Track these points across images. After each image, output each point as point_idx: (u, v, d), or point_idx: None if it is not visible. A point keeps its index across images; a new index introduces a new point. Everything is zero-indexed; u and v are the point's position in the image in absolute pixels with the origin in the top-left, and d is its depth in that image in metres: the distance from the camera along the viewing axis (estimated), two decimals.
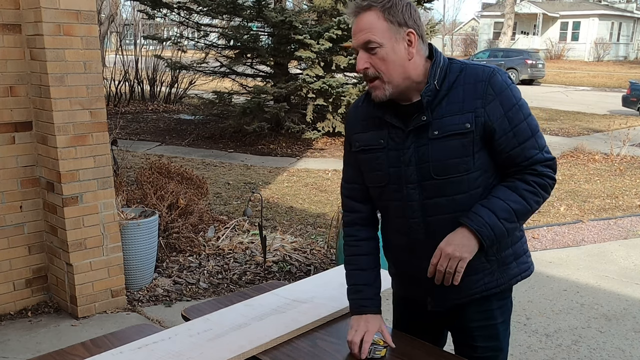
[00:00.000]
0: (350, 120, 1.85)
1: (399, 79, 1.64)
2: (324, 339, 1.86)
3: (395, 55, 1.62)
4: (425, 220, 1.72)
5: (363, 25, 1.62)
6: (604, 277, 4.53)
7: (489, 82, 1.63)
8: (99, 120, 3.54)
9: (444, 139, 1.64)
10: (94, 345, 1.89)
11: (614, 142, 9.57)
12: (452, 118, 1.64)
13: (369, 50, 1.62)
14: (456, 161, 1.65)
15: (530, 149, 1.65)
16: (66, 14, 3.32)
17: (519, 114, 1.64)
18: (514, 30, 37.73)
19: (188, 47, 12.56)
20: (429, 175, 1.68)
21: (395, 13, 1.60)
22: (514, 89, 1.66)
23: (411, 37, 1.62)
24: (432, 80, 1.64)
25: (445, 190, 1.68)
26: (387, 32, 1.60)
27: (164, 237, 4.53)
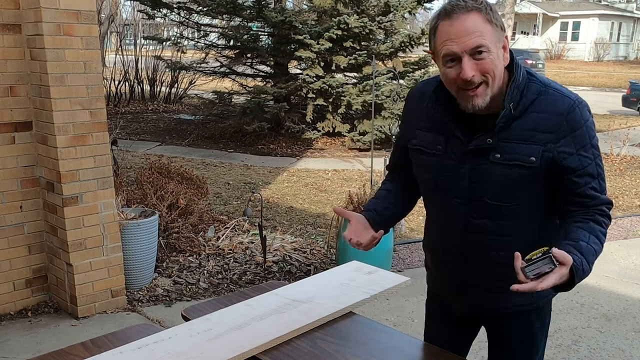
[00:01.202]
0: (414, 107, 1.77)
1: (496, 88, 1.54)
2: (324, 339, 1.86)
3: (499, 62, 1.53)
4: (464, 237, 1.70)
5: (469, 27, 1.48)
6: (604, 277, 4.53)
7: (566, 116, 1.53)
8: (99, 120, 3.54)
9: (505, 167, 1.57)
10: (94, 345, 1.89)
11: (614, 142, 9.57)
12: (518, 146, 1.55)
13: (477, 56, 1.49)
14: (512, 191, 1.59)
15: (598, 190, 1.58)
16: (66, 14, 3.32)
17: (589, 153, 1.56)
18: (514, 30, 37.70)
19: (188, 47, 12.57)
20: (480, 196, 1.63)
21: (497, 16, 1.51)
22: (590, 126, 1.56)
23: (505, 43, 1.54)
24: (508, 104, 1.54)
25: (493, 214, 1.64)
26: (493, 36, 1.50)
27: (164, 237, 4.53)
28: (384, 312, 3.84)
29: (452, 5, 1.51)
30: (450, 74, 1.52)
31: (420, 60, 10.71)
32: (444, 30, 1.50)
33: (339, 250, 4.47)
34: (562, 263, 1.40)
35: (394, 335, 1.97)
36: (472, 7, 1.48)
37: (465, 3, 1.49)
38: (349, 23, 9.21)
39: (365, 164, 8.47)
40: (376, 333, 1.95)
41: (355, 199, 4.36)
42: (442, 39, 1.51)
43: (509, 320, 1.80)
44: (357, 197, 4.37)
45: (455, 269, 1.75)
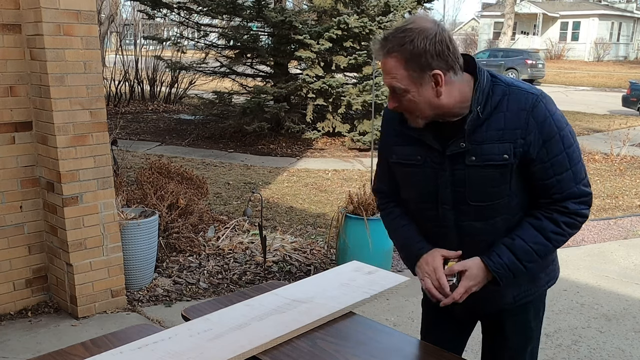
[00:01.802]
0: (387, 127, 1.84)
1: (429, 113, 1.64)
2: (324, 339, 1.86)
3: (422, 97, 1.61)
4: (460, 241, 1.75)
5: (387, 69, 1.61)
6: (604, 277, 4.53)
7: (531, 111, 1.61)
8: (99, 120, 3.54)
9: (481, 168, 1.64)
10: (94, 345, 1.89)
11: (614, 142, 9.57)
12: (491, 146, 1.63)
13: (396, 93, 1.62)
14: (492, 189, 1.66)
15: (567, 181, 1.64)
16: (66, 14, 3.32)
17: (558, 144, 1.62)
18: (514, 30, 37.72)
19: (188, 47, 12.56)
20: (464, 199, 1.69)
21: (416, 60, 1.56)
22: (557, 119, 1.63)
23: (437, 78, 1.58)
24: (475, 108, 1.62)
25: (480, 215, 1.70)
26: (410, 78, 1.58)
27: (164, 237, 4.53)
28: (384, 312, 3.84)
29: (381, 40, 1.60)
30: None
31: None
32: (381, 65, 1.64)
33: (339, 250, 4.48)
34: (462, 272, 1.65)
35: (394, 335, 1.97)
36: (391, 51, 1.57)
37: (388, 46, 1.58)
38: (349, 23, 9.21)
39: (365, 164, 8.47)
40: (376, 333, 1.95)
41: (355, 199, 4.36)
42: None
43: (507, 315, 1.86)
44: (357, 197, 4.37)
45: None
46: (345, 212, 4.37)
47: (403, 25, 1.59)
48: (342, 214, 4.38)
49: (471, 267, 1.68)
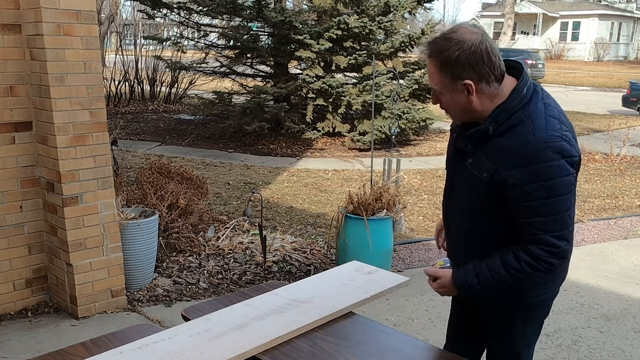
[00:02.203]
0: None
1: (463, 117, 1.81)
2: (324, 339, 1.86)
3: (455, 103, 1.76)
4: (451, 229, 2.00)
5: (429, 71, 1.77)
6: (604, 277, 4.53)
7: (523, 151, 1.66)
8: (99, 120, 3.54)
9: (471, 172, 1.80)
10: (94, 345, 1.89)
11: (614, 142, 9.57)
12: (483, 160, 1.75)
13: (435, 94, 1.79)
14: (470, 195, 1.83)
15: (537, 228, 1.70)
16: (66, 14, 3.32)
17: (539, 192, 1.66)
18: (514, 30, 37.72)
19: (188, 47, 12.56)
20: (456, 192, 1.91)
21: (450, 67, 1.68)
22: (550, 169, 1.64)
23: (469, 88, 1.70)
24: (488, 123, 1.72)
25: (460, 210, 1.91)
26: (443, 84, 1.73)
27: (164, 237, 4.52)
28: (384, 312, 3.84)
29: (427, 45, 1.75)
30: None
31: (420, 60, 10.70)
32: None
33: (339, 250, 4.47)
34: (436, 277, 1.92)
35: (394, 335, 1.98)
36: (430, 55, 1.72)
37: (429, 50, 1.73)
38: (349, 23, 9.21)
39: (365, 164, 8.47)
40: (376, 333, 1.95)
41: (355, 199, 4.36)
42: None
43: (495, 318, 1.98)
44: (357, 197, 4.37)
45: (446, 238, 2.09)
46: (345, 212, 4.37)
47: (447, 33, 1.71)
48: (342, 214, 4.38)
49: (443, 277, 1.90)
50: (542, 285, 1.92)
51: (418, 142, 10.45)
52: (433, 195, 6.77)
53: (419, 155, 9.44)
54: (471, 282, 1.81)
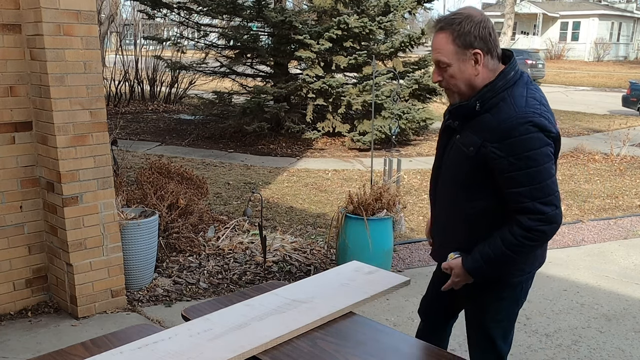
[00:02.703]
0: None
1: (466, 90, 1.92)
2: (324, 339, 1.87)
3: (462, 74, 1.89)
4: (435, 199, 2.13)
5: (436, 45, 1.89)
6: (604, 277, 4.53)
7: (504, 125, 1.81)
8: (99, 120, 3.54)
9: (459, 148, 1.94)
10: (94, 345, 1.89)
11: (614, 142, 9.57)
12: (470, 135, 1.91)
13: (440, 67, 1.91)
14: (457, 169, 1.97)
15: (523, 196, 1.83)
16: (66, 14, 3.32)
17: (522, 162, 1.80)
18: (514, 30, 37.70)
19: (188, 47, 12.56)
20: (445, 167, 2.04)
21: (464, 36, 1.84)
22: (529, 141, 1.79)
23: (477, 57, 1.86)
24: (475, 100, 1.89)
25: (449, 185, 2.04)
26: (454, 54, 1.86)
27: (164, 237, 4.53)
28: (384, 312, 3.84)
29: (435, 20, 1.91)
30: None
31: (420, 60, 10.71)
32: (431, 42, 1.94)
33: (339, 250, 4.47)
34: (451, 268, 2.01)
35: (394, 335, 1.98)
36: (442, 27, 1.87)
37: (440, 25, 1.88)
38: (349, 23, 9.20)
39: (365, 164, 8.47)
40: (376, 333, 1.95)
41: (355, 199, 4.36)
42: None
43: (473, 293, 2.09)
44: (357, 197, 4.37)
45: (432, 221, 2.20)
46: (345, 212, 4.37)
47: (455, 12, 1.90)
48: (342, 214, 4.38)
49: (455, 267, 2.00)
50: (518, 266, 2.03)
51: (418, 142, 10.45)
52: None
53: (419, 155, 9.44)
54: (479, 266, 1.94)
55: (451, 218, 2.04)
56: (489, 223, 1.94)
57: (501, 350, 2.13)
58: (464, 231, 2.00)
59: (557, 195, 1.86)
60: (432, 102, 10.88)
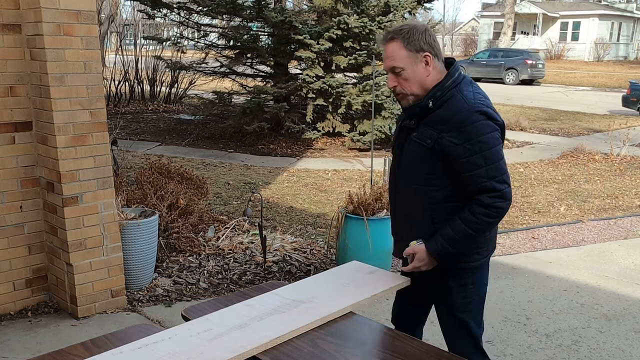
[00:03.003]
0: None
1: (419, 91, 2.12)
2: (324, 339, 1.87)
3: (415, 75, 2.10)
4: (395, 194, 2.30)
5: (389, 53, 2.10)
6: (604, 277, 4.53)
7: (457, 116, 2.04)
8: (99, 120, 3.54)
9: (416, 143, 2.14)
10: (94, 345, 1.89)
11: (614, 142, 9.57)
12: (426, 130, 2.11)
13: (395, 72, 2.11)
14: (417, 162, 2.15)
15: (480, 177, 2.04)
16: (66, 14, 3.32)
17: (476, 146, 2.02)
18: (514, 30, 37.72)
19: (188, 47, 12.55)
20: (405, 163, 2.22)
21: (413, 42, 2.06)
22: (480, 127, 2.03)
23: (427, 59, 2.09)
24: (426, 99, 2.10)
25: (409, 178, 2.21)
26: (407, 58, 2.08)
27: (164, 237, 4.52)
28: (384, 312, 3.84)
29: (385, 33, 2.14)
30: None
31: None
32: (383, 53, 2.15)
33: (339, 250, 4.47)
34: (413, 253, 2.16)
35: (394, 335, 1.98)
36: (393, 37, 2.09)
37: (389, 33, 2.10)
38: (349, 23, 9.20)
39: (365, 164, 8.47)
40: (376, 333, 1.95)
41: (355, 199, 4.36)
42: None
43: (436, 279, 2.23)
44: (357, 197, 4.37)
45: (393, 219, 2.36)
46: (345, 212, 4.37)
47: (400, 25, 2.14)
48: (342, 214, 4.38)
49: (420, 251, 2.14)
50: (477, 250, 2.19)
51: None
52: None
53: None
54: (443, 247, 2.10)
55: (415, 211, 2.20)
56: (449, 210, 2.12)
57: (476, 333, 2.27)
58: (428, 221, 2.16)
59: (508, 175, 2.08)
60: None
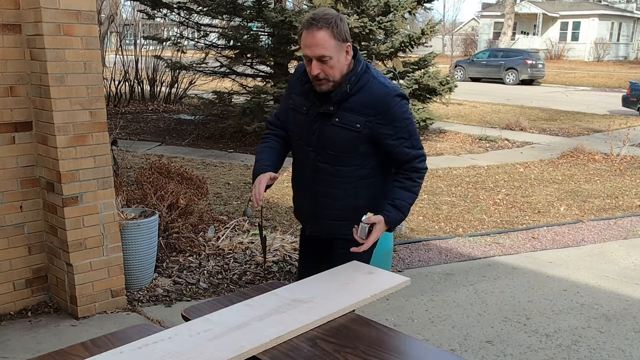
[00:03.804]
0: (294, 79, 2.44)
1: (339, 78, 2.26)
2: (324, 339, 1.87)
3: (339, 64, 2.23)
4: (312, 176, 2.40)
5: (318, 41, 2.16)
6: (604, 277, 4.54)
7: (382, 100, 2.24)
8: (99, 120, 3.54)
9: (341, 128, 2.27)
10: (94, 345, 1.89)
11: (614, 142, 9.57)
12: (350, 115, 2.26)
13: (322, 60, 2.19)
14: (344, 145, 2.30)
15: (409, 148, 2.31)
16: (66, 14, 3.32)
17: (401, 122, 2.27)
18: (514, 30, 37.72)
19: (188, 47, 12.55)
20: (324, 147, 2.33)
21: (340, 32, 2.18)
22: (400, 107, 2.27)
23: (349, 49, 2.24)
24: (346, 85, 2.25)
25: (331, 161, 2.34)
26: (335, 47, 2.18)
27: (164, 237, 4.52)
28: (384, 312, 3.84)
29: (310, 20, 2.16)
30: (307, 68, 2.26)
31: (420, 60, 10.71)
32: (304, 38, 2.19)
33: None
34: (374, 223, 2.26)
35: (394, 335, 1.98)
36: (322, 26, 2.15)
37: (318, 22, 2.15)
38: (349, 23, 9.20)
39: None
40: (376, 333, 1.95)
41: None
42: (303, 44, 2.20)
43: (338, 243, 2.44)
44: None
45: (307, 201, 2.49)
46: None
47: (321, 11, 2.18)
48: None
49: (379, 222, 2.27)
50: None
51: None
52: (433, 195, 6.77)
53: None
54: (399, 216, 2.32)
55: (339, 189, 2.37)
56: (370, 185, 2.36)
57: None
58: (352, 197, 2.37)
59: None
60: (432, 102, 10.88)
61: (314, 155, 2.36)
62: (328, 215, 2.43)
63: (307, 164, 2.41)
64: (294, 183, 2.61)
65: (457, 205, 6.44)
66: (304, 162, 2.42)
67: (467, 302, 4.04)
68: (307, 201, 2.48)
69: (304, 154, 2.42)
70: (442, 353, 1.85)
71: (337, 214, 2.41)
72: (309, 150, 2.38)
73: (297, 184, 2.56)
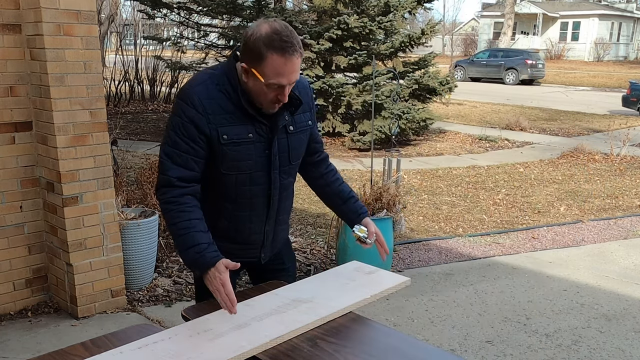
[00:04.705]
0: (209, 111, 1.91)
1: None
2: (324, 339, 1.86)
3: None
4: (279, 196, 2.13)
5: (297, 67, 1.91)
6: (604, 277, 4.54)
7: (308, 88, 2.16)
8: (99, 120, 3.54)
9: (298, 133, 2.10)
10: (94, 345, 1.88)
11: (614, 142, 9.57)
12: (300, 116, 2.10)
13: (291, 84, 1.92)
14: (302, 150, 2.16)
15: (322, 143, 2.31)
16: (66, 14, 3.32)
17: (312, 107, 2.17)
18: (514, 30, 37.73)
19: (188, 47, 12.55)
20: (287, 161, 2.09)
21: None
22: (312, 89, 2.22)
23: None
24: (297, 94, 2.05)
25: (293, 172, 2.17)
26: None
27: (164, 237, 4.53)
28: (384, 312, 3.84)
29: (286, 45, 1.83)
30: (271, 94, 1.89)
31: (420, 60, 10.71)
32: (277, 64, 1.83)
33: (339, 250, 4.47)
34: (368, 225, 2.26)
35: (394, 335, 1.97)
36: (299, 53, 1.88)
37: (295, 49, 1.85)
38: (349, 23, 9.21)
39: (365, 164, 8.47)
40: (376, 333, 1.95)
41: None
42: (275, 70, 1.83)
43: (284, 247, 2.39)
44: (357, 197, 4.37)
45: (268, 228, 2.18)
46: None
47: (288, 29, 1.87)
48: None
49: (368, 223, 2.27)
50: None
51: (418, 142, 10.45)
52: (433, 195, 6.77)
53: (419, 155, 9.44)
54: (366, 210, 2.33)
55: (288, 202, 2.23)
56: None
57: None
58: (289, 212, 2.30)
59: None
60: (432, 102, 10.88)
61: (278, 175, 2.07)
62: (283, 231, 2.31)
63: (266, 194, 2.08)
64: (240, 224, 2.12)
65: (457, 205, 6.44)
66: (268, 189, 2.07)
67: (467, 302, 4.04)
68: (269, 228, 2.18)
69: (262, 184, 2.05)
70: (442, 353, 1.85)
71: (285, 236, 2.37)
72: (274, 174, 2.05)
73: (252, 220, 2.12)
